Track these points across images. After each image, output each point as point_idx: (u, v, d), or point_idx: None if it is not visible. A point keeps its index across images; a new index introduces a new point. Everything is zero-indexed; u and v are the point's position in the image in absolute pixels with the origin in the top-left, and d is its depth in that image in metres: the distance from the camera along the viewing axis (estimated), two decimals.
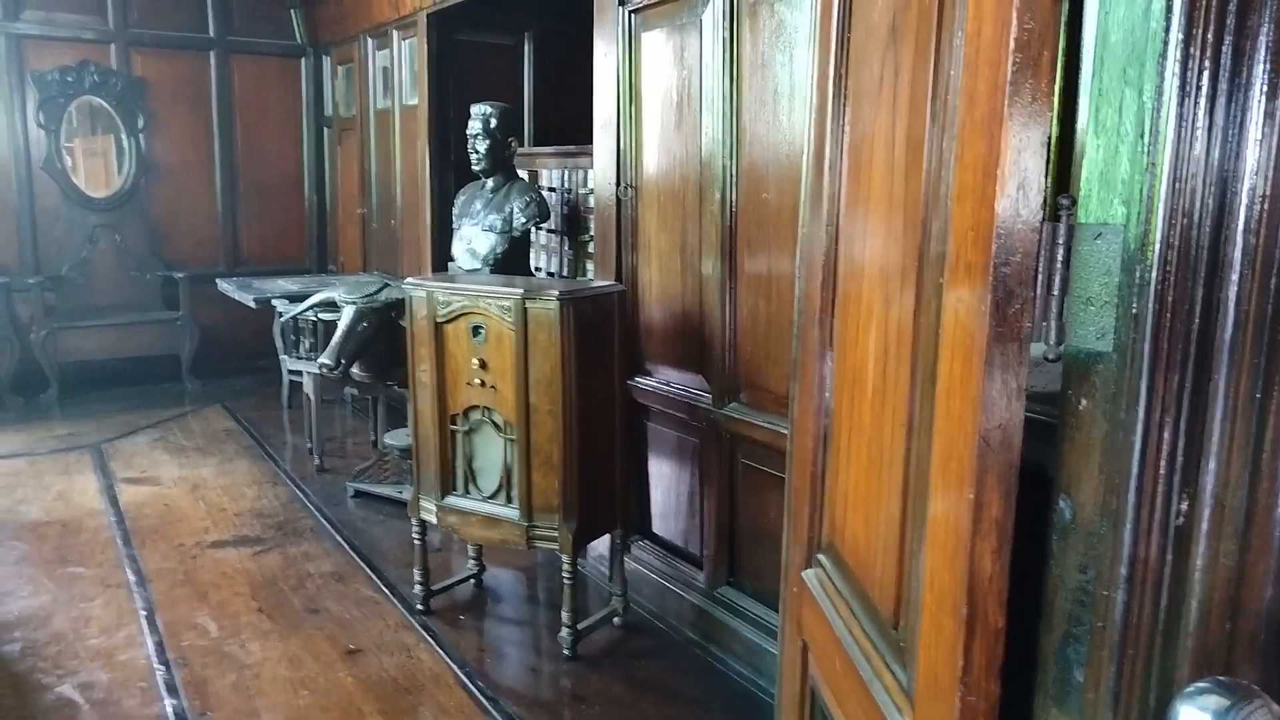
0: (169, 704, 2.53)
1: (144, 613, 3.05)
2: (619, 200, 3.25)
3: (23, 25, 5.83)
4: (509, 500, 2.82)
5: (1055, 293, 0.86)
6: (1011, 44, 0.82)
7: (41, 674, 2.67)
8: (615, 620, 3.02)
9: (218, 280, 5.56)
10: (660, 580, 3.15)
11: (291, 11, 6.58)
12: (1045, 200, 0.86)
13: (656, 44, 3.06)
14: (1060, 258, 0.86)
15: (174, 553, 3.53)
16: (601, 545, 3.17)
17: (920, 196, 1.08)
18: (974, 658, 0.90)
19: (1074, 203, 0.88)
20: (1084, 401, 0.86)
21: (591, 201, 3.75)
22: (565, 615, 2.81)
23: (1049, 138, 0.87)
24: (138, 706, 2.52)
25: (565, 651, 2.81)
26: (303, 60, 6.71)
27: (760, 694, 2.62)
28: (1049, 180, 0.92)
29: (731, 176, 2.75)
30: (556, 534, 2.75)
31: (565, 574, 2.78)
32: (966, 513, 0.89)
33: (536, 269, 4.26)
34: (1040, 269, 0.86)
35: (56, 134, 5.95)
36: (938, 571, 0.97)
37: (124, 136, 6.17)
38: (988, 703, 0.91)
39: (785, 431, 2.46)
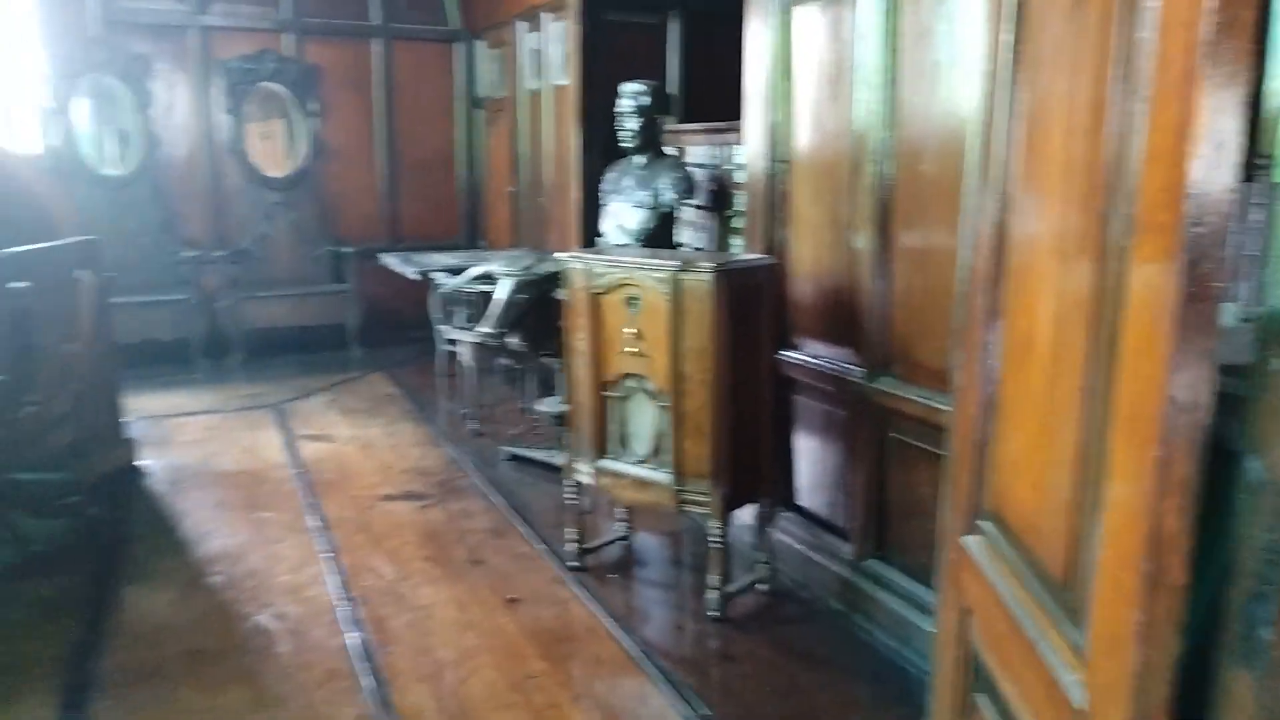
0: (353, 637, 2.78)
1: (327, 555, 3.34)
2: (770, 175, 3.29)
3: (210, 17, 6.34)
4: (661, 465, 2.94)
5: (1251, 253, 0.86)
6: (1207, 4, 0.83)
7: (241, 604, 2.99)
8: (760, 586, 3.10)
9: (380, 255, 5.91)
10: (805, 551, 3.20)
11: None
12: (1241, 160, 0.86)
13: (810, 18, 3.07)
14: (1256, 217, 0.86)
15: (350, 503, 3.84)
16: (746, 515, 3.24)
17: (1101, 160, 1.09)
18: (1156, 613, 0.92)
19: (1270, 161, 0.87)
20: (1276, 362, 0.87)
21: (739, 177, 3.79)
22: (713, 578, 2.91)
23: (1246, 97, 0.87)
24: (325, 637, 2.78)
25: (712, 613, 2.91)
26: (456, 45, 7.01)
27: (907, 665, 2.64)
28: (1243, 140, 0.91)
29: (887, 149, 2.74)
30: (706, 499, 2.85)
31: (713, 538, 2.87)
32: (1152, 471, 0.91)
33: (680, 245, 4.34)
34: (1234, 230, 0.86)
35: (239, 119, 6.46)
36: (1119, 530, 0.99)
37: (298, 120, 6.63)
38: (1168, 658, 0.93)
39: (940, 406, 2.48)
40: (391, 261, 5.70)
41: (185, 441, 4.63)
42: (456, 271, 4.91)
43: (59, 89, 5.86)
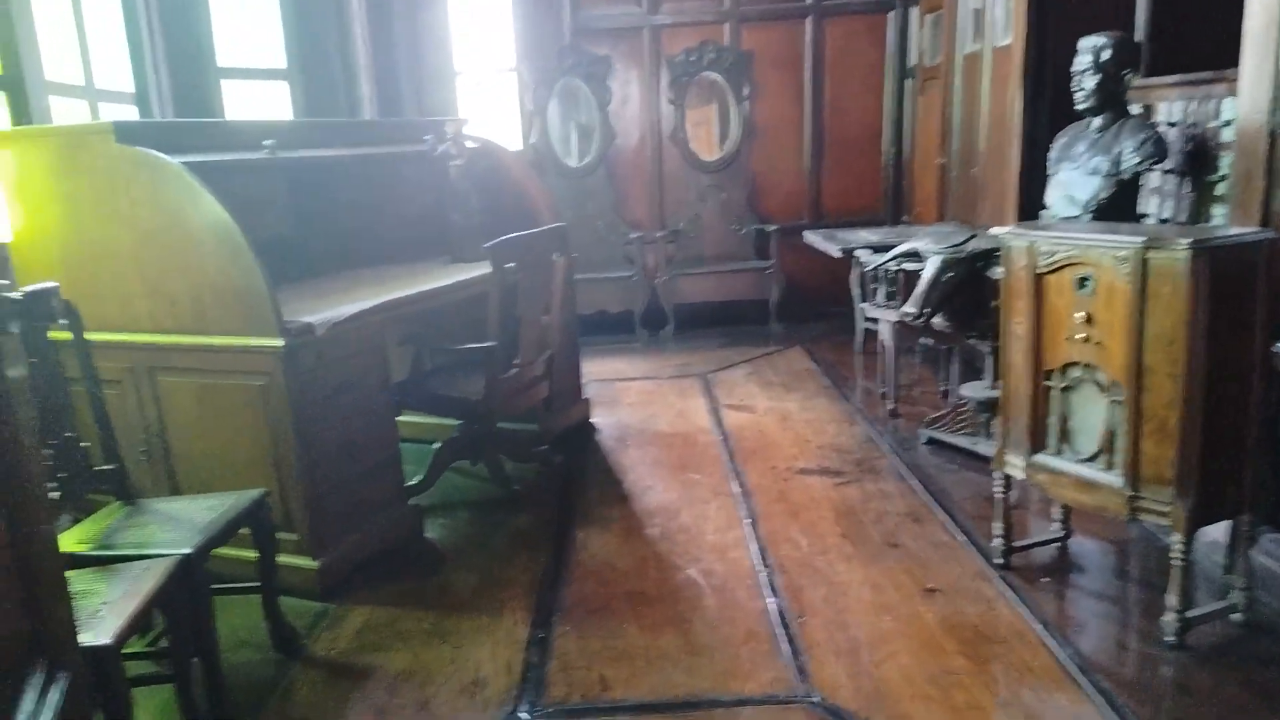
0: (771, 601, 2.90)
1: (747, 521, 3.52)
2: (1272, 131, 2.74)
3: (660, 17, 6.90)
4: (1110, 465, 2.63)
5: None
6: None
7: (674, 556, 3.27)
8: (1234, 616, 2.64)
9: (804, 232, 6.02)
10: None
11: None
12: None
13: None
14: None
15: (769, 473, 4.00)
16: (1217, 530, 2.78)
17: None
18: None
19: None
20: None
21: (1225, 136, 3.22)
22: (1171, 599, 2.54)
23: None
24: (746, 598, 2.94)
25: (1168, 638, 2.55)
26: (890, 14, 6.84)
27: None
28: None
29: None
30: (1167, 508, 2.49)
31: (1175, 554, 2.51)
32: None
33: (1144, 216, 3.81)
34: None
35: (680, 108, 6.97)
36: None
37: (730, 104, 6.98)
38: None
39: None
40: (814, 239, 5.78)
41: (628, 403, 5.16)
42: (880, 248, 4.84)
43: (537, 93, 6.80)
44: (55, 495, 2.33)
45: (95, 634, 1.80)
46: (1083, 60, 3.53)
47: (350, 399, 3.16)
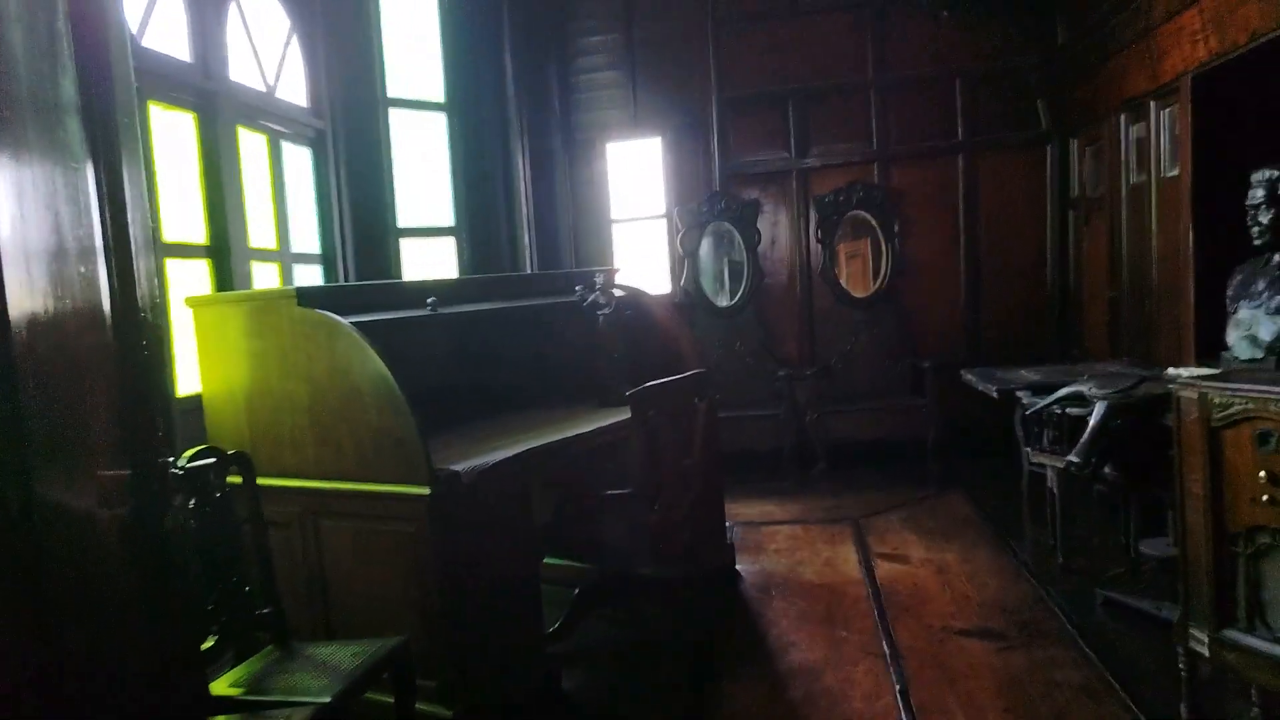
0: None
1: (898, 687, 3.28)
2: None
3: (809, 160, 7.07)
4: None
5: None
6: None
7: None
8: None
9: (961, 370, 5.80)
10: None
11: (1038, 102, 6.66)
12: None
13: None
14: None
15: (923, 632, 3.75)
16: None
17: None
18: None
19: None
20: None
21: None
22: None
23: None
24: None
25: None
26: (1048, 147, 6.71)
27: None
28: None
29: None
30: None
31: None
32: None
33: None
34: None
35: (829, 246, 7.02)
36: None
37: (881, 242, 6.97)
38: None
39: None
40: (971, 378, 5.56)
41: (774, 549, 5.02)
42: (1042, 388, 4.59)
43: (688, 237, 7.05)
44: (212, 642, 2.48)
45: None
46: (1256, 194, 3.33)
47: (494, 544, 3.24)
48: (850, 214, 6.99)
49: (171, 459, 2.06)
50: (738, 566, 4.70)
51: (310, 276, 4.98)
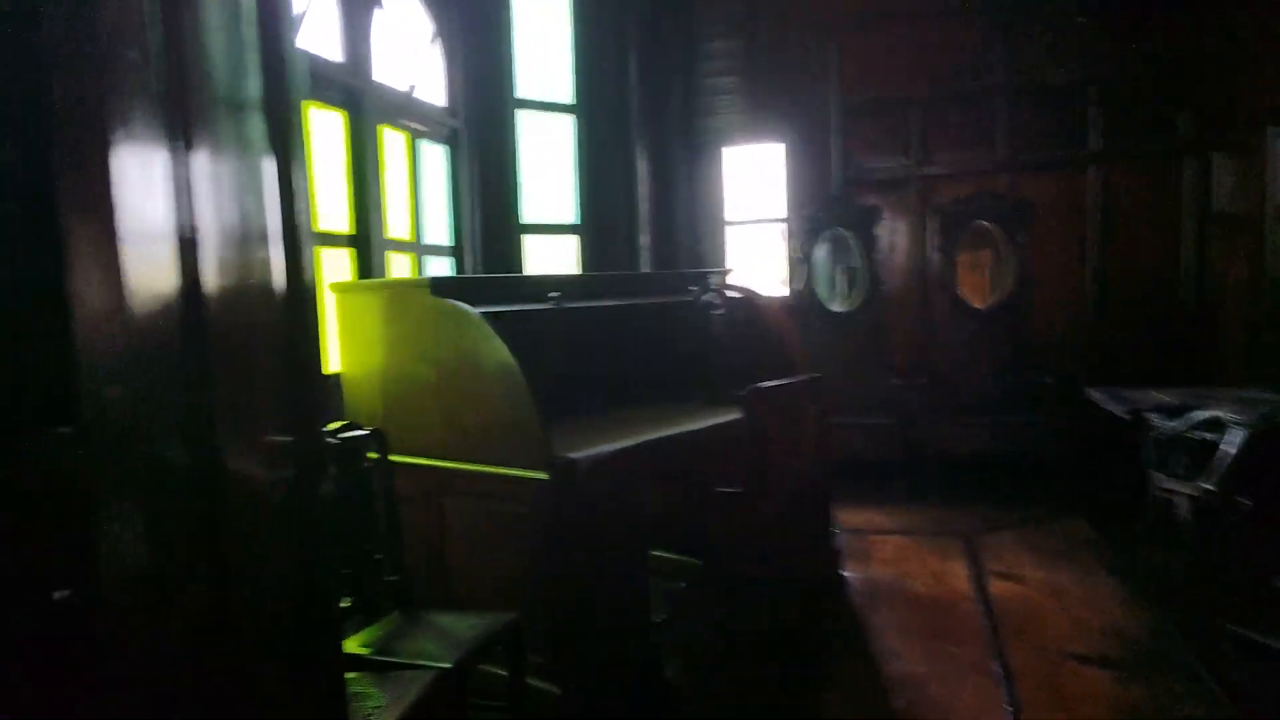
0: None
1: (1009, 709, 3.22)
2: None
3: (931, 168, 6.94)
4: None
5: None
6: None
7: None
8: None
9: (1086, 388, 5.60)
10: None
11: (1176, 113, 6.36)
12: None
13: None
14: None
15: (1036, 655, 3.65)
16: None
17: None
18: None
19: None
20: None
21: None
22: None
23: None
24: None
25: None
26: (1186, 159, 6.39)
27: None
28: None
29: None
30: None
31: None
32: None
33: None
34: None
35: (949, 255, 6.86)
36: None
37: (1004, 252, 6.77)
38: None
39: None
40: (1098, 397, 5.37)
41: (881, 559, 4.97)
42: (1175, 411, 4.40)
43: (805, 242, 7.02)
44: (347, 604, 2.66)
45: None
46: None
47: (605, 531, 3.34)
48: (973, 223, 6.82)
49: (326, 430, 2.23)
50: (844, 573, 4.67)
51: (440, 267, 5.21)
